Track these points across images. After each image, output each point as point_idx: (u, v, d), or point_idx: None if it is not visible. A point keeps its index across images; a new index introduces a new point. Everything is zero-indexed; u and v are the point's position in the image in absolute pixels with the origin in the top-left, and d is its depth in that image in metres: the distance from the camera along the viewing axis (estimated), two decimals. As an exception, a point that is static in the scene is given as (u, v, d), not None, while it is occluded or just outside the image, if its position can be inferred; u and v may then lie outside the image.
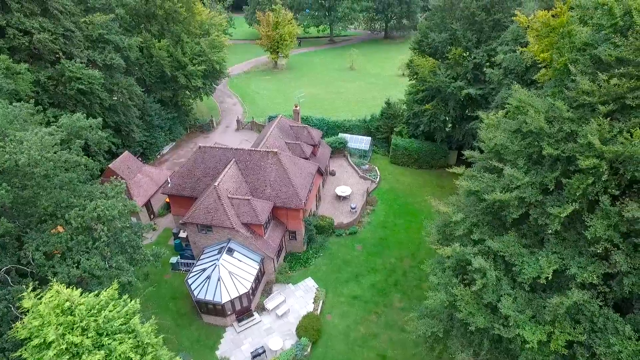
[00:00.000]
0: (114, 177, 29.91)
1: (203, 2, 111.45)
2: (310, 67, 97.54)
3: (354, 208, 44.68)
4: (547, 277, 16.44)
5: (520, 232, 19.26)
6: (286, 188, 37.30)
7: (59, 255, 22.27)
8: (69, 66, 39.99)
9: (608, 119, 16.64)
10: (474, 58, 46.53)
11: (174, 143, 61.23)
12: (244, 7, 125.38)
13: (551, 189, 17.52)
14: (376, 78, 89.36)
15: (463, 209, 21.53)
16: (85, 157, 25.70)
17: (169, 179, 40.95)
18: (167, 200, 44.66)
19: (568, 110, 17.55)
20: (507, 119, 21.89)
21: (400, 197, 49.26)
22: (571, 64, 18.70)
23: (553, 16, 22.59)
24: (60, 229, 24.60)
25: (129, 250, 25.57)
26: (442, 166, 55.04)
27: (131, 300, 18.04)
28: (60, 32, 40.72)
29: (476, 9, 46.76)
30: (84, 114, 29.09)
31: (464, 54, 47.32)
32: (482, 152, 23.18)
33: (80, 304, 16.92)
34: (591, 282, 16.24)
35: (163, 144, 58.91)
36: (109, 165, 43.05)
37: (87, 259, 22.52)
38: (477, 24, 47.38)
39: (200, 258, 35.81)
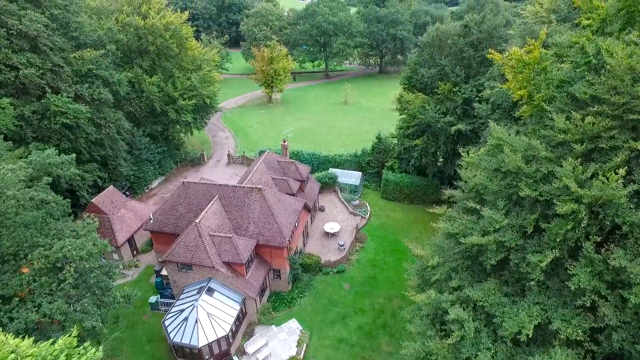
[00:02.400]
0: (87, 215, 28.95)
1: (200, 38, 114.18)
2: (305, 101, 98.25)
3: (342, 245, 43.50)
4: (528, 335, 15.25)
5: (502, 278, 18.16)
6: (270, 225, 36.30)
7: (18, 299, 21.07)
8: (54, 100, 39.74)
9: (580, 160, 15.99)
10: (463, 93, 46.56)
11: (163, 177, 60.57)
12: (241, 42, 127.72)
13: (530, 232, 16.62)
14: (369, 112, 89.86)
15: (441, 253, 20.55)
16: (55, 194, 24.81)
17: (151, 215, 39.98)
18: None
19: (546, 149, 16.90)
20: (488, 155, 21.21)
21: (391, 234, 48.13)
22: (547, 102, 18.22)
23: (527, 52, 22.42)
24: (25, 269, 23.51)
25: (97, 292, 24.34)
26: (434, 201, 54.21)
27: (92, 348, 16.74)
28: (48, 67, 40.72)
29: (464, 46, 47.19)
30: (56, 151, 28.31)
31: (454, 89, 47.40)
32: (463, 191, 22.45)
33: (28, 356, 15.69)
34: (576, 339, 15.03)
35: (152, 178, 58.23)
36: (92, 200, 42.21)
37: (50, 302, 21.29)
38: (465, 60, 47.69)
39: (180, 298, 34.40)
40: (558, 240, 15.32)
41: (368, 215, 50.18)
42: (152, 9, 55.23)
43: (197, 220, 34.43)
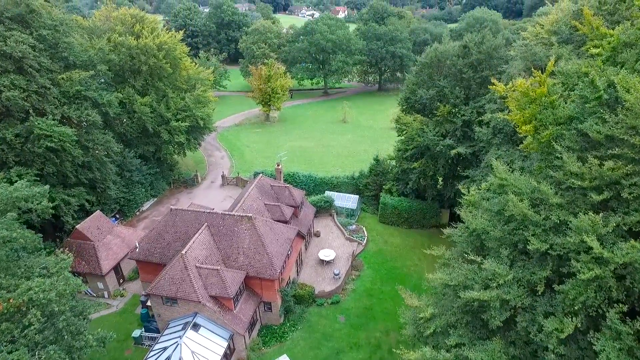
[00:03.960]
0: (62, 250, 27.18)
1: (198, 56, 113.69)
2: (303, 119, 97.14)
3: (337, 274, 41.58)
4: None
5: (507, 339, 16.27)
6: (260, 256, 34.49)
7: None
8: (39, 123, 38.30)
9: (597, 207, 14.17)
10: (463, 115, 45.15)
11: (155, 199, 58.91)
12: (240, 60, 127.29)
13: (541, 291, 14.77)
14: (368, 131, 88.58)
15: (438, 302, 18.69)
16: (21, 230, 23.06)
17: (137, 244, 38.20)
18: (138, 264, 41.74)
19: (556, 193, 15.17)
20: (490, 192, 19.52)
21: (389, 261, 46.22)
22: (555, 141, 16.59)
23: (533, 85, 20.79)
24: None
25: (66, 336, 22.43)
26: (434, 225, 52.53)
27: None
28: (34, 89, 39.44)
29: (463, 67, 45.93)
30: (33, 178, 26.67)
31: (453, 110, 46.00)
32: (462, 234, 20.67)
33: None
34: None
35: (143, 200, 56.55)
36: (77, 227, 40.49)
37: (10, 352, 19.42)
38: (464, 81, 46.39)
39: (164, 333, 32.46)
40: (577, 307, 13.35)
41: (365, 241, 48.33)
42: (145, 29, 54.23)
43: (183, 252, 32.65)
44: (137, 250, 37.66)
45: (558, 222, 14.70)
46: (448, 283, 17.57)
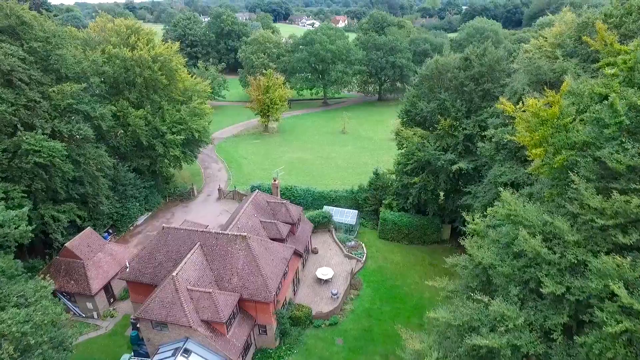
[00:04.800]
0: (42, 276, 25.81)
1: (197, 65, 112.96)
2: (302, 130, 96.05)
3: (335, 294, 40.11)
4: None
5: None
6: (254, 278, 33.07)
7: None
8: (27, 138, 37.09)
9: (625, 255, 12.66)
10: (464, 129, 43.97)
11: (149, 213, 57.53)
12: (238, 70, 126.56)
13: (557, 339, 13.37)
14: (368, 142, 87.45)
15: (441, 344, 17.23)
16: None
17: (127, 263, 36.80)
18: (129, 283, 40.26)
19: (571, 226, 13.82)
20: (496, 219, 18.17)
21: (389, 279, 44.74)
22: (570, 169, 15.28)
23: (545, 105, 19.45)
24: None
25: (43, 372, 20.99)
26: (435, 241, 51.17)
27: None
28: (23, 102, 38.27)
29: (464, 79, 44.87)
30: (19, 195, 25.36)
31: (454, 124, 44.83)
32: (467, 267, 19.27)
33: None
34: None
35: (137, 215, 55.19)
36: (66, 245, 39.06)
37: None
38: (466, 94, 45.30)
39: (153, 359, 30.95)
40: (601, 364, 11.90)
41: (364, 258, 46.90)
42: (140, 40, 53.24)
43: (174, 274, 31.24)
44: (127, 270, 36.23)
45: (575, 262, 13.36)
46: (451, 323, 16.19)
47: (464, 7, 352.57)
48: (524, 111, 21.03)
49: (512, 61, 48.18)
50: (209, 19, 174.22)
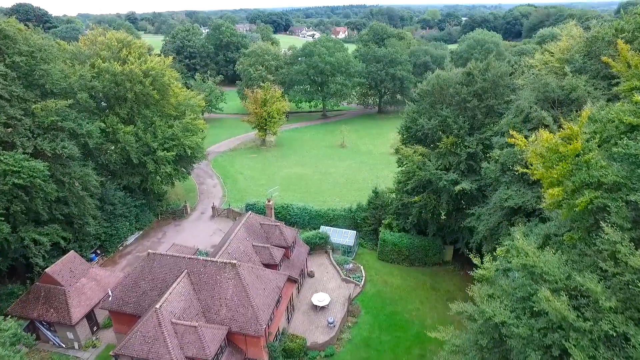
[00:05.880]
0: (4, 317, 23.69)
1: (194, 77, 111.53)
2: (300, 144, 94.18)
3: (331, 323, 37.80)
4: None
5: None
6: (244, 309, 30.86)
7: None
8: (5, 158, 35.08)
9: None
10: (467, 147, 41.99)
11: (140, 232, 55.38)
12: (237, 82, 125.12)
13: None
14: (367, 156, 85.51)
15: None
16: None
17: (109, 292, 34.61)
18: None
19: (603, 290, 11.63)
20: (506, 259, 16.01)
21: (388, 305, 42.43)
22: (597, 214, 13.24)
23: (563, 139, 17.24)
24: None
25: None
26: (437, 263, 48.98)
27: None
28: (2, 120, 36.39)
29: (467, 95, 43.02)
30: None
31: (457, 141, 42.86)
32: (475, 319, 17.03)
33: None
34: None
35: (127, 234, 53.02)
36: (47, 270, 36.86)
37: None
38: (469, 110, 43.42)
39: (134, 400, 28.65)
40: None
41: (363, 282, 44.63)
42: (132, 54, 51.56)
43: (157, 306, 29.05)
44: (110, 298, 34.02)
45: (613, 335, 11.22)
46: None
47: (463, 19, 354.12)
48: (538, 145, 18.76)
49: (514, 74, 46.39)
50: (209, 30, 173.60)
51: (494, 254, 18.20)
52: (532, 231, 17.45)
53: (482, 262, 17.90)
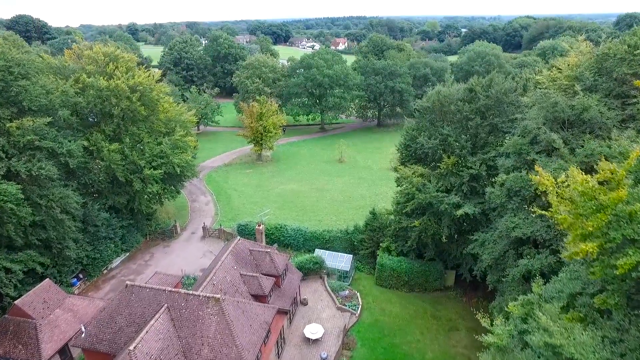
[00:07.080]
0: None
1: (190, 90, 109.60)
2: (297, 159, 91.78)
3: (325, 358, 35.02)
4: None
5: None
6: (228, 350, 28.16)
7: None
8: (-26, 183, 32.78)
9: None
10: (470, 168, 39.55)
11: (127, 254, 52.73)
12: (234, 94, 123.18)
13: None
14: (366, 172, 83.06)
15: None
16: None
17: (82, 328, 31.89)
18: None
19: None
20: (524, 320, 13.43)
21: (386, 336, 39.63)
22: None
23: (600, 183, 14.28)
24: None
25: None
26: (438, 289, 46.23)
27: None
28: (-27, 141, 34.14)
29: (469, 112, 40.72)
30: None
31: (459, 161, 40.42)
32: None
33: None
34: None
35: (112, 257, 50.38)
36: (16, 302, 33.97)
37: None
38: (471, 129, 41.05)
39: None
40: None
41: (359, 310, 41.90)
42: (119, 69, 49.40)
43: (131, 347, 26.35)
44: (83, 335, 31.31)
45: None
46: None
47: (463, 30, 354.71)
48: (567, 186, 15.65)
49: (517, 88, 44.05)
50: (206, 42, 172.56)
51: (506, 309, 15.66)
52: (549, 280, 14.90)
53: (491, 323, 15.25)
